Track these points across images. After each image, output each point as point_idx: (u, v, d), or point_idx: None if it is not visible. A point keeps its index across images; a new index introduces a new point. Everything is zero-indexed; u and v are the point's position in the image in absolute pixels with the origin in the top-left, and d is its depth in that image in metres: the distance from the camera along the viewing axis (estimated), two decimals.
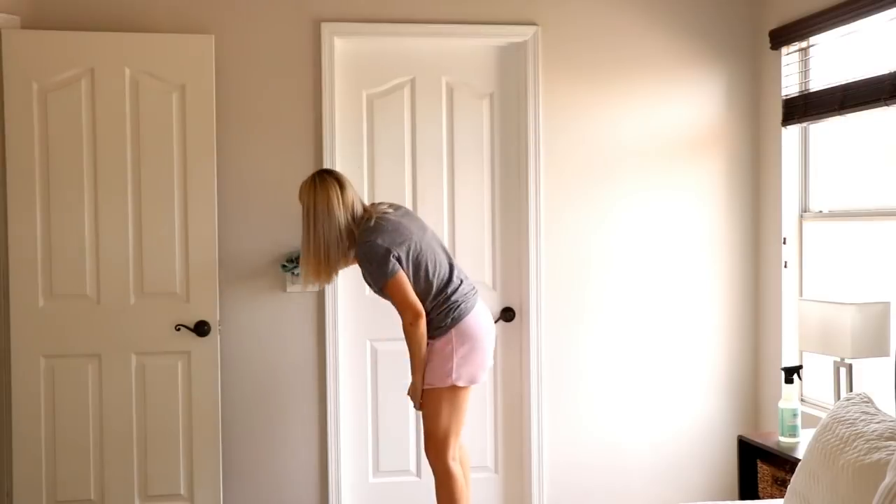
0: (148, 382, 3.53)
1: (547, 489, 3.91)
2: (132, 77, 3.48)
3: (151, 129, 3.50)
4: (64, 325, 3.47)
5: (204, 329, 3.52)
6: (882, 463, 2.22)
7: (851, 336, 3.14)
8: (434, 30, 3.78)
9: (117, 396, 3.51)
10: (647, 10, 3.93)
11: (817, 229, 3.79)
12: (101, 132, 3.47)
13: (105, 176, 3.48)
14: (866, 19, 3.32)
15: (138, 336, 3.52)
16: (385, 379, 3.86)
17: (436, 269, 3.19)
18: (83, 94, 3.45)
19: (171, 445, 3.54)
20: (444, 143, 3.87)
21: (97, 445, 3.50)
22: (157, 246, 3.51)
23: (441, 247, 3.29)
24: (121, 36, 3.50)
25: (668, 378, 4.01)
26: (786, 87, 3.80)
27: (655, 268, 3.99)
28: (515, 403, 3.95)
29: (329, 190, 3.15)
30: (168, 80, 3.50)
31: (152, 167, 3.50)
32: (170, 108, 3.50)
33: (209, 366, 3.54)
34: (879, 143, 3.46)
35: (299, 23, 3.72)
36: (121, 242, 3.49)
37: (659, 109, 3.96)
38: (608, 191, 3.94)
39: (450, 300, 3.19)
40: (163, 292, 3.52)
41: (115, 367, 3.50)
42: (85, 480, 3.49)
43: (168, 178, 3.51)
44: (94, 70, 3.46)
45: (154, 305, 3.52)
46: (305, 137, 3.73)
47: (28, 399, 3.45)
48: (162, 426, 3.53)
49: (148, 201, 3.51)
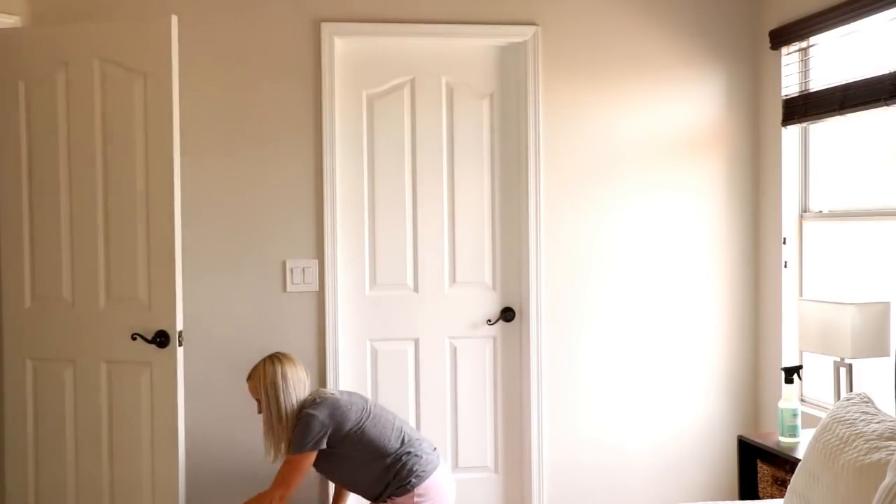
0: (115, 392, 3.31)
1: (547, 489, 3.92)
2: (101, 69, 3.27)
3: (118, 123, 3.27)
4: (46, 327, 3.37)
5: (161, 340, 3.21)
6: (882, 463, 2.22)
7: (851, 336, 3.14)
8: (434, 30, 3.78)
9: (88, 404, 3.33)
10: (648, 10, 3.93)
11: (817, 229, 3.79)
12: (73, 129, 3.31)
13: (78, 173, 3.31)
14: (866, 19, 3.32)
15: (107, 343, 3.30)
16: (385, 379, 3.87)
17: (387, 431, 3.19)
18: (59, 91, 3.30)
19: (136, 458, 3.30)
20: (444, 143, 3.87)
21: (73, 453, 3.36)
22: (123, 249, 3.28)
23: (390, 414, 3.30)
24: (88, 26, 3.31)
25: (668, 378, 4.01)
26: (786, 87, 3.80)
27: (655, 268, 3.99)
28: (515, 403, 3.95)
29: (285, 363, 3.21)
30: (133, 69, 3.23)
31: (118, 163, 3.27)
32: (134, 98, 3.24)
33: (169, 379, 3.22)
34: (879, 143, 3.46)
35: (299, 23, 3.72)
36: (91, 243, 3.30)
37: (659, 109, 3.96)
38: (608, 191, 3.94)
39: (408, 450, 3.18)
40: (128, 298, 3.28)
41: (87, 374, 3.33)
42: (63, 487, 3.37)
43: (131, 174, 3.26)
44: (67, 64, 3.29)
45: (121, 312, 3.28)
46: (305, 137, 3.73)
47: (17, 402, 3.42)
48: (128, 438, 3.31)
49: (115, 199, 3.29)
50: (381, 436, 3.17)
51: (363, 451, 3.16)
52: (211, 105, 3.68)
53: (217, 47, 3.67)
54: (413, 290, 3.88)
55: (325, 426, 3.11)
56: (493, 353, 3.94)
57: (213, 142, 3.68)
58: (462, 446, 3.92)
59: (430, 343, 3.89)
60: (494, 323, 3.92)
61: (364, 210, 3.84)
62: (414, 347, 3.89)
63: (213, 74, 3.67)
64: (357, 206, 3.83)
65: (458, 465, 3.93)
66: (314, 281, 3.74)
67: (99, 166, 3.30)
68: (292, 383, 3.19)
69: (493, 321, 3.91)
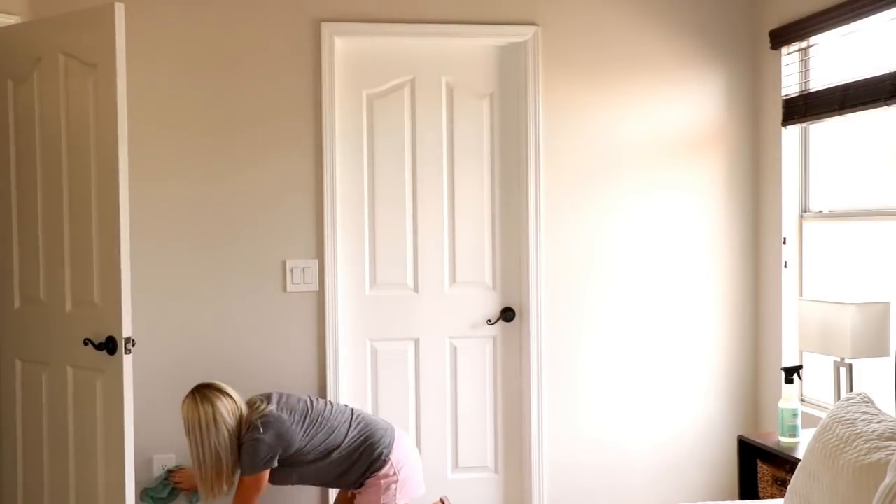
0: (76, 397, 3.19)
1: (547, 489, 3.91)
2: (65, 63, 3.12)
3: (77, 120, 3.12)
4: (28, 329, 3.32)
5: (110, 346, 3.02)
6: (882, 463, 2.22)
7: (851, 336, 3.14)
8: (434, 30, 3.78)
9: (57, 408, 3.25)
10: (648, 9, 3.93)
11: (817, 229, 3.79)
12: (44, 129, 3.22)
13: (48, 172, 3.23)
14: (866, 19, 3.32)
15: (70, 347, 3.15)
16: (385, 379, 3.87)
17: (334, 425, 3.22)
18: (35, 89, 3.22)
19: (92, 465, 3.18)
20: (444, 143, 3.87)
21: (48, 456, 3.29)
22: (82, 251, 3.13)
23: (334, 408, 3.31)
24: (52, 20, 3.18)
25: (668, 378, 4.01)
26: (786, 87, 3.80)
27: (655, 268, 3.99)
28: (515, 403, 3.95)
29: (213, 399, 3.12)
30: (85, 61, 3.06)
31: (77, 161, 3.13)
32: (87, 92, 3.06)
33: (116, 387, 3.02)
34: (879, 143, 3.46)
35: (299, 23, 3.72)
36: (59, 245, 3.19)
37: (659, 109, 3.96)
38: (608, 190, 3.94)
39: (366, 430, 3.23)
40: (86, 302, 3.13)
41: (56, 378, 3.24)
42: (41, 488, 3.34)
43: (86, 173, 3.11)
44: (41, 59, 3.19)
45: (81, 316, 3.14)
46: (305, 137, 3.73)
47: (8, 402, 3.41)
48: (86, 444, 3.19)
49: (75, 200, 3.15)
50: (329, 434, 3.21)
51: (316, 454, 3.20)
52: (211, 105, 3.67)
53: (216, 47, 3.67)
54: (413, 290, 3.88)
55: (273, 448, 3.12)
56: (493, 353, 3.94)
57: (212, 142, 3.68)
58: (462, 446, 3.92)
59: (430, 343, 3.89)
60: (494, 323, 3.92)
61: (364, 210, 3.84)
62: (414, 347, 3.89)
63: (212, 74, 3.67)
64: (357, 206, 3.83)
65: (458, 465, 3.93)
66: (314, 281, 3.74)
67: (64, 165, 3.18)
68: (223, 419, 3.11)
69: (493, 321, 3.91)
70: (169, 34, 3.63)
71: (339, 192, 3.76)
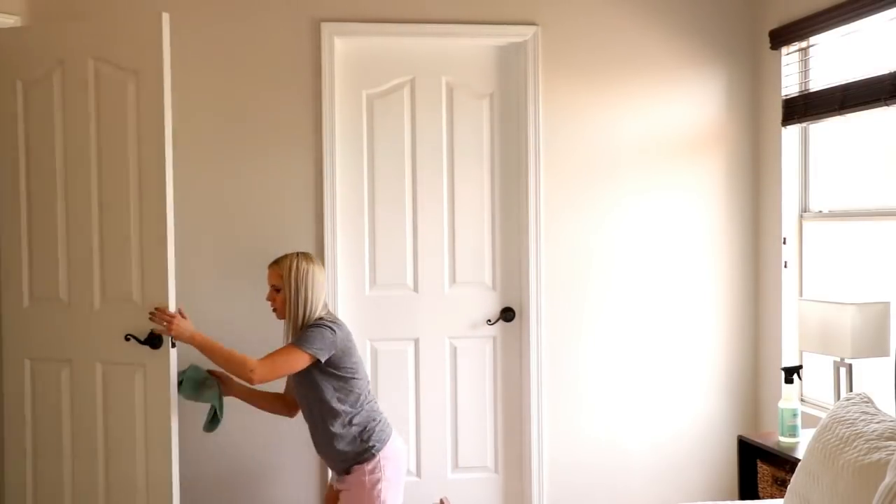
0: (109, 393, 3.27)
1: (547, 489, 3.91)
2: (95, 67, 3.22)
3: (111, 122, 3.22)
4: (43, 327, 3.35)
5: (154, 341, 3.14)
6: (882, 463, 2.22)
7: (851, 336, 3.14)
8: (434, 30, 3.78)
9: (85, 404, 3.30)
10: (647, 10, 3.93)
11: (817, 229, 3.79)
12: (69, 129, 3.28)
13: (73, 173, 3.28)
14: (866, 19, 3.32)
15: (101, 344, 3.25)
16: (385, 379, 3.87)
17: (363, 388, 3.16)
18: (55, 90, 3.27)
19: (129, 460, 3.25)
20: (443, 143, 3.87)
21: (70, 453, 3.33)
22: (117, 249, 3.23)
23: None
24: (82, 24, 3.27)
25: (668, 378, 4.01)
26: (786, 87, 3.80)
27: (655, 268, 3.99)
28: (515, 403, 3.95)
29: (316, 267, 3.18)
30: (124, 67, 3.17)
31: (111, 163, 3.23)
32: (127, 97, 3.18)
33: (162, 380, 3.16)
34: (879, 143, 3.46)
35: (299, 23, 3.72)
36: (87, 243, 3.26)
37: (659, 109, 3.96)
38: (608, 190, 3.94)
39: (375, 410, 3.18)
40: (122, 298, 3.22)
41: (82, 374, 3.30)
42: (61, 487, 3.35)
43: (124, 174, 3.21)
44: (64, 62, 3.26)
45: (115, 312, 3.23)
46: (305, 137, 3.73)
47: (16, 402, 3.41)
48: (122, 439, 3.26)
49: (109, 199, 3.24)
50: (358, 389, 3.14)
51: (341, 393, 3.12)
52: (210, 105, 3.67)
53: (216, 47, 3.67)
54: (413, 290, 3.88)
55: (335, 344, 3.07)
56: (493, 353, 3.94)
57: (212, 142, 3.68)
58: (462, 446, 3.92)
59: (430, 343, 3.89)
60: (494, 323, 3.92)
61: (364, 210, 3.84)
62: (414, 347, 3.90)
63: (212, 74, 3.67)
64: (357, 206, 3.83)
65: (458, 465, 3.93)
66: None
67: (93, 166, 3.25)
68: (318, 286, 3.16)
69: (492, 321, 3.91)
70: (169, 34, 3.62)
71: (338, 191, 3.76)
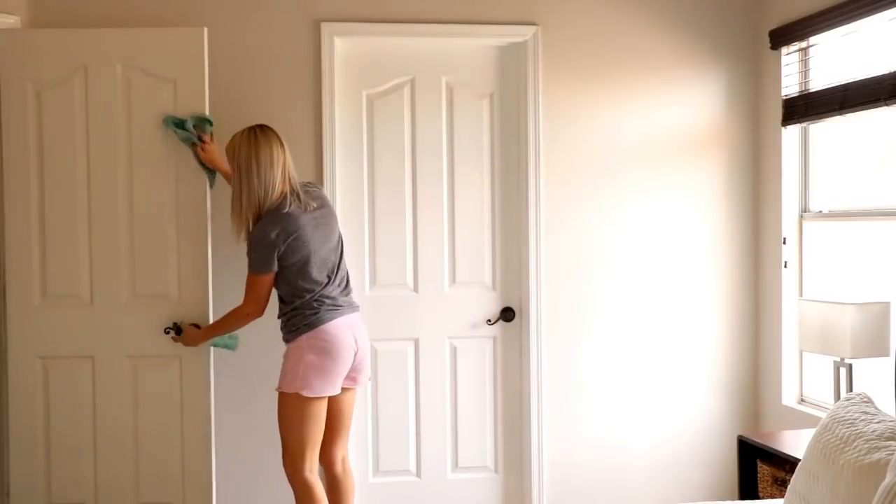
0: (140, 387, 3.42)
1: (547, 489, 3.91)
2: (124, 74, 3.38)
3: (143, 126, 3.39)
4: (58, 326, 3.40)
5: None
6: (882, 463, 2.22)
7: (851, 336, 3.14)
8: (434, 30, 3.78)
9: (111, 400, 3.42)
10: (648, 10, 3.93)
11: (817, 229, 3.79)
12: (93, 131, 3.39)
13: (98, 175, 3.40)
14: (866, 19, 3.32)
15: (130, 338, 3.40)
16: (385, 379, 3.87)
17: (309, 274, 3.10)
18: (76, 93, 3.37)
19: (163, 453, 3.42)
20: (444, 143, 3.87)
21: (91, 449, 3.41)
22: (150, 247, 3.41)
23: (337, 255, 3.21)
24: (112, 32, 3.42)
25: (668, 378, 4.01)
26: (786, 87, 3.80)
27: (655, 267, 3.99)
28: (515, 403, 3.95)
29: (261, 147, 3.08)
30: (159, 76, 3.38)
31: (145, 165, 3.40)
32: (161, 104, 3.38)
33: (200, 372, 3.39)
34: (879, 143, 3.46)
35: (299, 23, 3.72)
36: (113, 243, 3.40)
37: (659, 109, 3.96)
38: (608, 190, 3.94)
39: (311, 306, 3.11)
40: (155, 294, 3.41)
41: (108, 370, 3.41)
42: (80, 484, 3.41)
43: (160, 176, 3.40)
44: (87, 67, 3.38)
45: (146, 307, 3.40)
46: (305, 137, 3.73)
47: (24, 400, 3.42)
48: (155, 433, 3.42)
49: (141, 200, 3.41)
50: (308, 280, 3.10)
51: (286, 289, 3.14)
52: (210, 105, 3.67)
53: (216, 47, 3.66)
54: (413, 290, 3.88)
55: (275, 244, 3.04)
56: (493, 353, 3.94)
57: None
58: (462, 446, 3.92)
59: (430, 343, 3.89)
60: (494, 323, 3.92)
61: (364, 209, 3.84)
62: (414, 347, 3.89)
63: (212, 74, 3.66)
64: (357, 206, 3.83)
65: (458, 465, 3.93)
66: None
67: (122, 168, 3.40)
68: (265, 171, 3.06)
69: (492, 321, 3.91)
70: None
71: (338, 191, 3.75)
